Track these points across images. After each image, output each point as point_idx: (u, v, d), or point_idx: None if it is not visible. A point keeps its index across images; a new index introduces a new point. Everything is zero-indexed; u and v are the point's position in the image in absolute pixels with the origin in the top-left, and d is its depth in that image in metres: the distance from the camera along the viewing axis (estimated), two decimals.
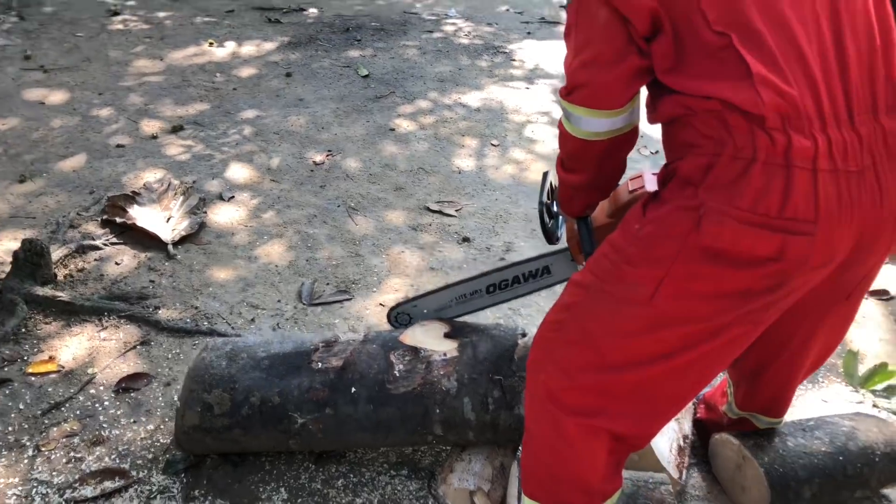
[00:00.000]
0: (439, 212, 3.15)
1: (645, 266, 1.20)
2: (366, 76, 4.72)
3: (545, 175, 1.75)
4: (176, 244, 2.74)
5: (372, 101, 4.33)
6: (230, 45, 5.13)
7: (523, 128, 4.14)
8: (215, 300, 2.48)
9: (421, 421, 1.72)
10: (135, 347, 2.23)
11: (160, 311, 2.40)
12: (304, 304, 2.49)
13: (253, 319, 2.40)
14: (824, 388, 2.24)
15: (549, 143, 3.96)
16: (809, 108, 1.08)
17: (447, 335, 1.85)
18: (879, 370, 2.19)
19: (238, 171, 3.37)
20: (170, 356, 2.21)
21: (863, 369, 2.25)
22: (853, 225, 1.12)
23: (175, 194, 3.00)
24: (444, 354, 1.77)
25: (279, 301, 2.51)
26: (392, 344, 1.82)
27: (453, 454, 1.82)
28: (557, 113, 4.39)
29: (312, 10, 6.11)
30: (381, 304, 2.51)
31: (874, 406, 2.16)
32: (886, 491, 1.84)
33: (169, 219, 2.87)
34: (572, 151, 1.39)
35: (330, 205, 3.14)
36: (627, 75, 1.20)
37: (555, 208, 1.73)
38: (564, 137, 1.38)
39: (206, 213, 2.95)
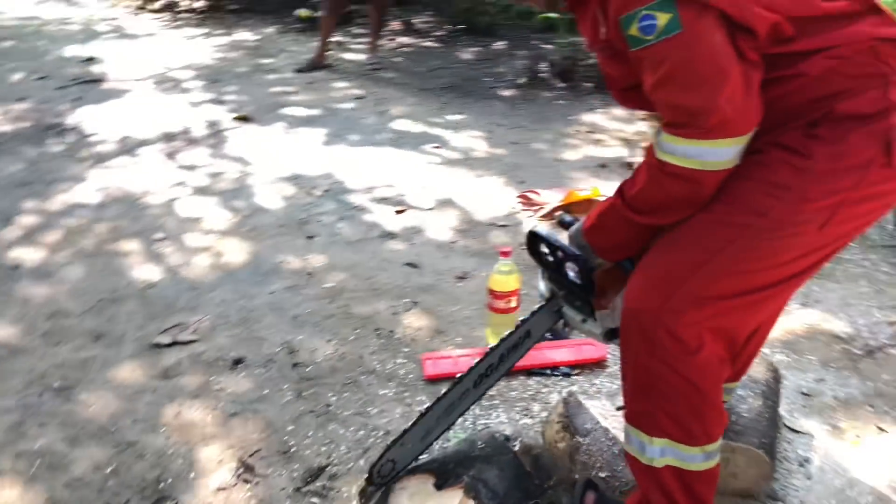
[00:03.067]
0: (175, 343, 2.52)
1: (820, 198, 1.28)
2: None
3: (536, 235, 1.54)
4: None
5: None
6: None
7: (172, 207, 3.54)
8: None
9: None
10: None
11: None
12: None
13: None
14: None
15: (213, 215, 3.46)
16: None
17: (437, 485, 1.48)
18: None
19: None
20: None
21: None
22: None
23: None
24: None
25: None
26: None
27: None
28: (192, 180, 3.86)
29: None
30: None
31: None
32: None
33: None
34: (680, 194, 1.33)
35: (29, 398, 2.26)
36: (758, 90, 1.25)
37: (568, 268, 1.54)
38: (681, 181, 1.30)
39: None
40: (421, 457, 1.67)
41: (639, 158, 3.50)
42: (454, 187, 3.82)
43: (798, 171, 1.28)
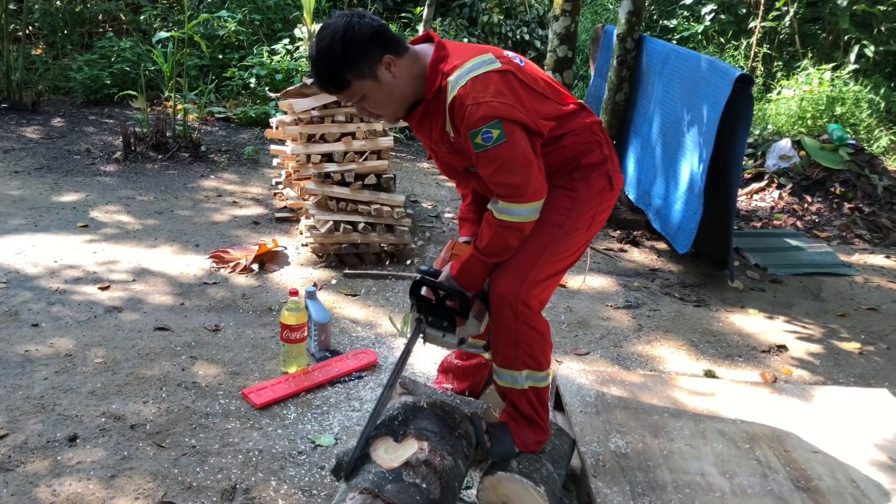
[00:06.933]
0: None
1: (586, 213, 2.18)
2: None
3: (420, 282, 2.22)
4: None
5: None
6: None
7: None
8: None
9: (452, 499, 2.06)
10: None
11: None
12: None
13: None
14: None
15: None
16: None
17: (395, 441, 2.11)
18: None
19: None
20: None
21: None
22: None
23: None
24: (422, 450, 2.08)
25: None
26: (384, 480, 1.98)
27: None
28: None
29: None
30: None
31: None
32: None
33: None
34: (513, 241, 2.11)
35: None
36: (543, 170, 2.08)
37: (448, 301, 2.24)
38: (513, 230, 2.08)
39: None
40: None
41: (283, 214, 4.38)
42: (138, 259, 4.03)
43: (571, 199, 2.19)
